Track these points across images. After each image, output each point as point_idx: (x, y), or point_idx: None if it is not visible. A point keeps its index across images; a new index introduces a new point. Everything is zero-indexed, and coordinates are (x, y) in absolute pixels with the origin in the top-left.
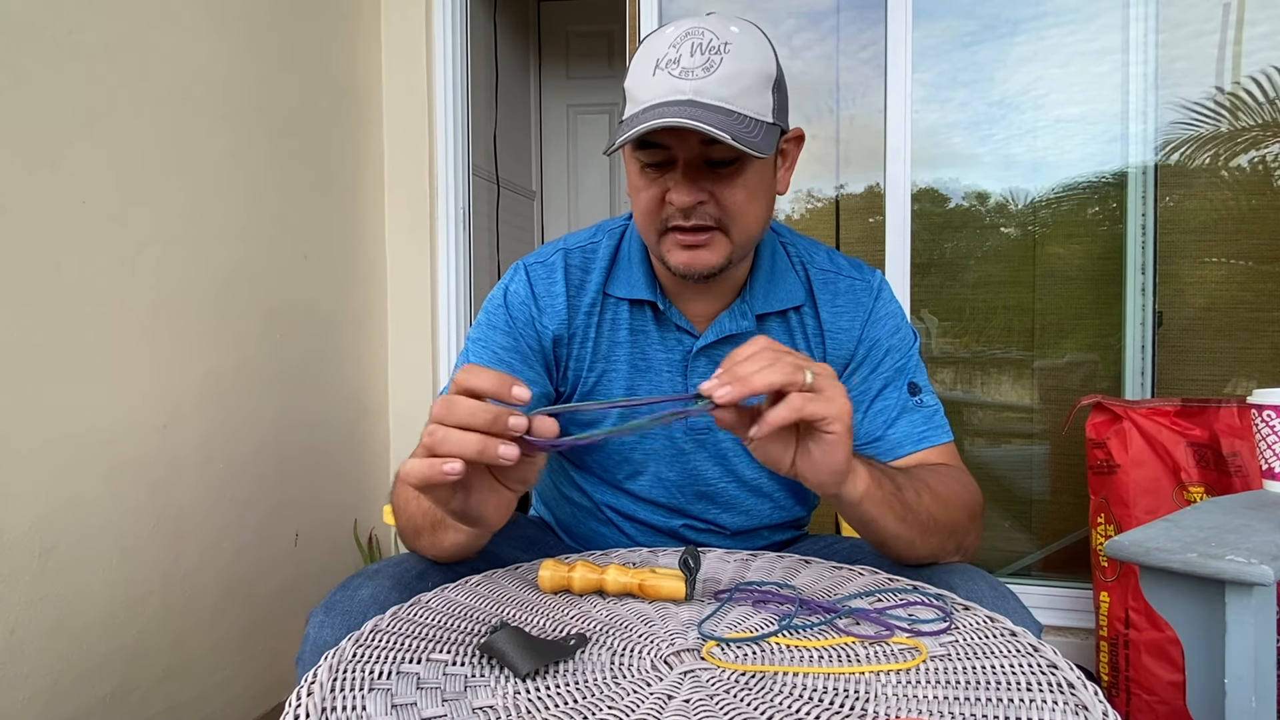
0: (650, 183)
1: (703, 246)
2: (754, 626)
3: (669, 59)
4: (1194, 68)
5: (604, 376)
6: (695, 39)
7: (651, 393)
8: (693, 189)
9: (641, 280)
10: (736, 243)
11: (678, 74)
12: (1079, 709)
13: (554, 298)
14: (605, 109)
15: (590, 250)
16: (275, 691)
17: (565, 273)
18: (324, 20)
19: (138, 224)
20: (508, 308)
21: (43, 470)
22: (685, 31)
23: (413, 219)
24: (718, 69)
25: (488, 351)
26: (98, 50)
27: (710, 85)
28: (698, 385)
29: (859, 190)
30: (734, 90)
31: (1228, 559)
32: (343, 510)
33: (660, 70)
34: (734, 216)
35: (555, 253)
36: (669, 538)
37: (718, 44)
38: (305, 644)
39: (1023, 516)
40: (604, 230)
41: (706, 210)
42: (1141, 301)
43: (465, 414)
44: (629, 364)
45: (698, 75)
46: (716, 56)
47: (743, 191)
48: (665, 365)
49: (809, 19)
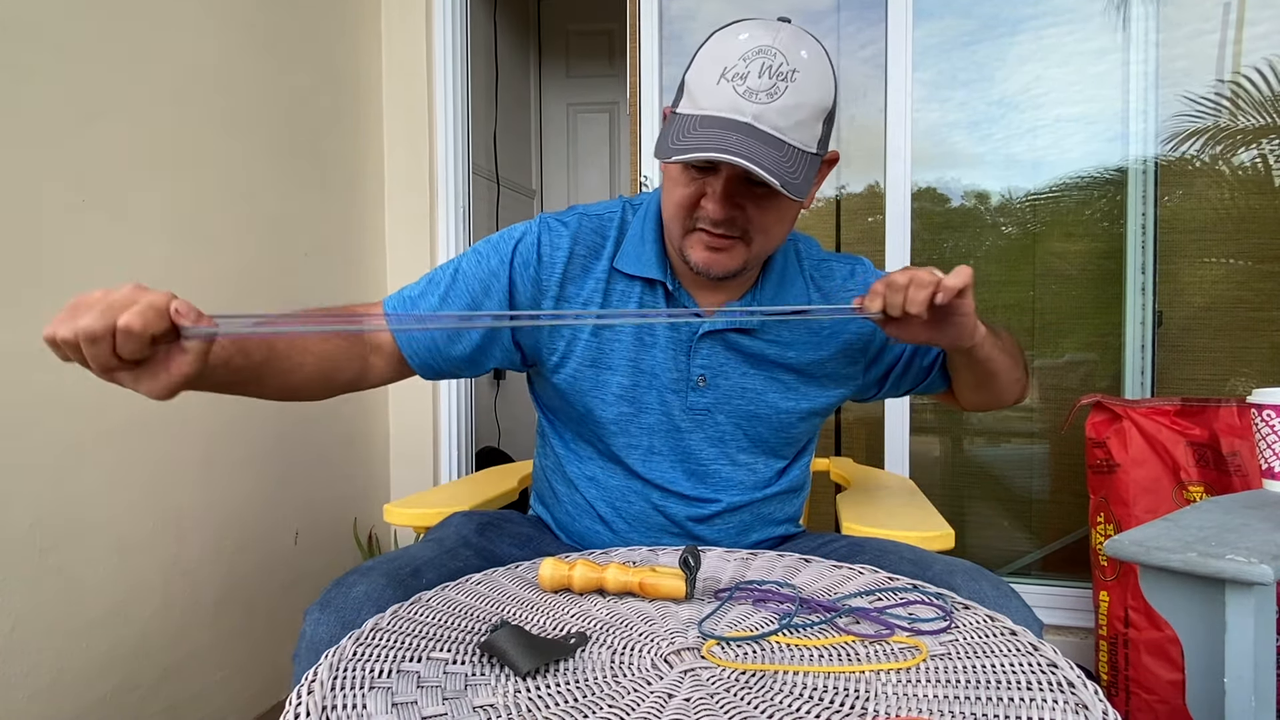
0: (690, 181)
1: (723, 251)
2: (754, 625)
3: (736, 73)
4: (1194, 67)
5: (609, 344)
6: (766, 59)
7: (654, 369)
8: (729, 205)
9: (653, 259)
10: (755, 253)
11: (742, 92)
12: (1079, 708)
13: (555, 249)
14: (605, 107)
15: (608, 220)
16: (275, 690)
17: (573, 237)
18: (324, 19)
19: (138, 222)
20: (515, 250)
21: (43, 469)
22: (758, 48)
23: (413, 217)
24: (781, 97)
25: (482, 266)
26: (98, 49)
27: (770, 113)
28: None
29: (859, 190)
30: (791, 121)
31: (1228, 558)
32: (342, 509)
33: (725, 82)
34: (760, 232)
35: (572, 215)
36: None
37: (786, 70)
38: (302, 641)
39: (1022, 516)
40: (626, 203)
41: (736, 223)
42: (1141, 301)
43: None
44: (634, 335)
45: (761, 100)
46: (783, 84)
47: (773, 213)
48: (670, 343)
49: (809, 19)
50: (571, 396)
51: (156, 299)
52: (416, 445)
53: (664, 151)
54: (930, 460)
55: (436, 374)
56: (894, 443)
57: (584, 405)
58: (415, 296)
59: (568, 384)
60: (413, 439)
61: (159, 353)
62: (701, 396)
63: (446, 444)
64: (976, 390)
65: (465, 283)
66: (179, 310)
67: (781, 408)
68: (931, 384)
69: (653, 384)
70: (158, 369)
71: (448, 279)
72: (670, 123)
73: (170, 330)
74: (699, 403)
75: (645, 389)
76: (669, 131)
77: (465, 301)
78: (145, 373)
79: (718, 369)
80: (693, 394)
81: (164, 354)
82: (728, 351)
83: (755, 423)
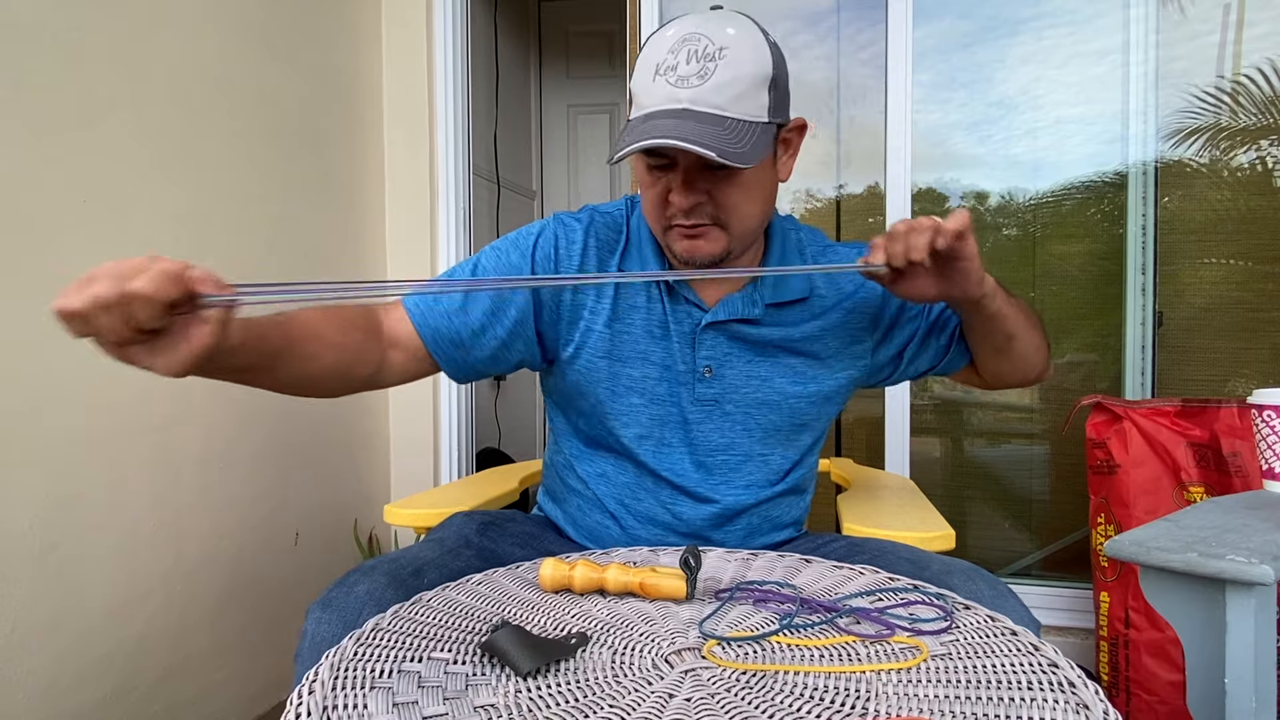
0: (655, 181)
1: (701, 237)
2: (755, 625)
3: (667, 65)
4: (1194, 68)
5: (621, 337)
6: (692, 45)
7: (664, 360)
8: (691, 192)
9: (652, 258)
10: (735, 235)
11: (674, 82)
12: (1080, 708)
13: (570, 244)
14: (605, 109)
15: (618, 219)
16: (276, 690)
17: (586, 233)
18: (325, 20)
19: (138, 224)
20: (536, 245)
21: (42, 469)
22: (683, 37)
23: (413, 219)
24: (712, 76)
25: (503, 261)
26: (99, 50)
27: (705, 93)
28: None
29: (859, 190)
30: (727, 97)
31: (1228, 559)
32: (343, 510)
33: (659, 77)
34: (730, 213)
35: (585, 212)
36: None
37: (713, 50)
38: (304, 640)
39: (1023, 516)
40: (631, 202)
41: (704, 210)
42: (1142, 302)
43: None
44: (645, 329)
45: (693, 84)
46: (711, 64)
47: (738, 191)
48: (677, 335)
49: (809, 19)
50: (585, 388)
51: (170, 265)
52: (417, 446)
53: (611, 155)
54: (931, 461)
55: (460, 369)
56: (894, 443)
57: (596, 397)
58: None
59: (581, 375)
60: (413, 440)
61: (176, 324)
62: (709, 388)
63: (447, 445)
64: (998, 357)
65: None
66: (196, 277)
67: (790, 393)
68: (951, 362)
69: (663, 376)
70: (176, 340)
71: (468, 276)
72: (622, 129)
73: (186, 298)
74: (706, 394)
75: (656, 381)
76: (619, 137)
77: (490, 297)
78: (162, 345)
79: (722, 359)
80: (700, 385)
81: (181, 324)
82: (731, 342)
83: (765, 410)
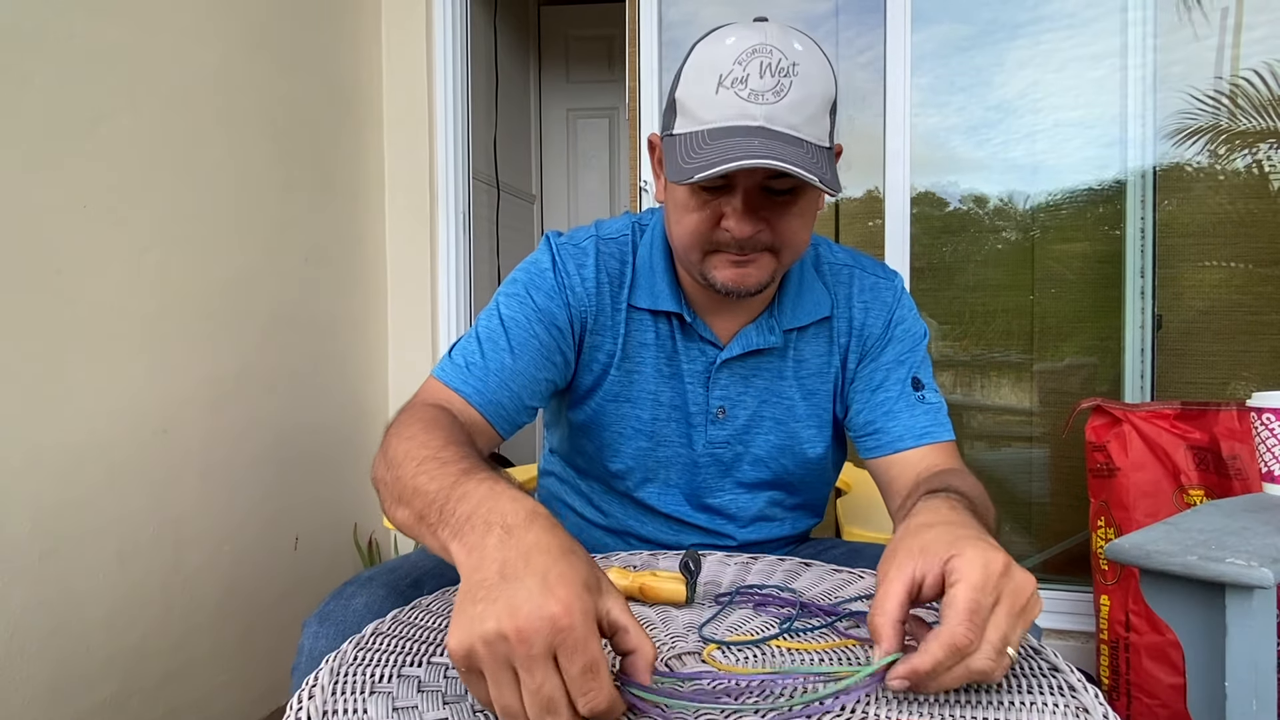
0: (703, 204)
1: (751, 264)
2: (755, 630)
3: (734, 77)
4: (1192, 72)
5: (631, 378)
6: (764, 58)
7: (674, 401)
8: (753, 220)
9: (666, 291)
10: (783, 263)
11: (746, 96)
12: (1080, 711)
13: (584, 281)
14: (605, 113)
15: (623, 244)
16: (275, 695)
17: (597, 259)
18: (325, 25)
19: (138, 228)
20: (556, 278)
21: (43, 473)
22: (752, 48)
23: (413, 223)
24: (788, 93)
25: (526, 308)
26: (99, 54)
27: (781, 111)
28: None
29: (858, 194)
30: (802, 117)
31: (1228, 562)
32: (343, 514)
33: (725, 89)
34: (786, 242)
35: (588, 239)
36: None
37: (786, 65)
38: (300, 654)
39: (1023, 520)
40: (634, 224)
41: (761, 239)
42: (1141, 305)
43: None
44: (654, 369)
45: (768, 100)
46: (786, 80)
47: (798, 219)
48: (689, 375)
49: (807, 23)
50: (591, 431)
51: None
52: None
53: (680, 174)
54: None
55: (516, 430)
56: None
57: (600, 440)
58: (476, 359)
59: (590, 418)
60: None
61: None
62: (721, 429)
63: None
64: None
65: (524, 327)
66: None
67: (803, 437)
68: (863, 444)
69: (672, 417)
70: None
71: (498, 328)
72: (673, 145)
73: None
74: (718, 436)
75: (664, 422)
76: (676, 153)
77: (535, 345)
78: None
79: (736, 399)
80: (712, 427)
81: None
82: (746, 381)
83: (778, 455)
